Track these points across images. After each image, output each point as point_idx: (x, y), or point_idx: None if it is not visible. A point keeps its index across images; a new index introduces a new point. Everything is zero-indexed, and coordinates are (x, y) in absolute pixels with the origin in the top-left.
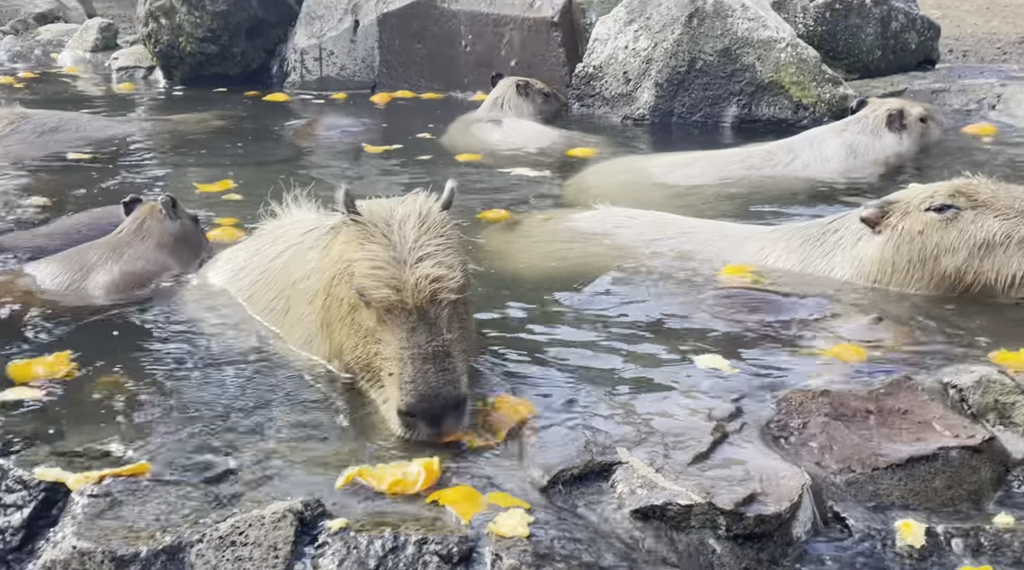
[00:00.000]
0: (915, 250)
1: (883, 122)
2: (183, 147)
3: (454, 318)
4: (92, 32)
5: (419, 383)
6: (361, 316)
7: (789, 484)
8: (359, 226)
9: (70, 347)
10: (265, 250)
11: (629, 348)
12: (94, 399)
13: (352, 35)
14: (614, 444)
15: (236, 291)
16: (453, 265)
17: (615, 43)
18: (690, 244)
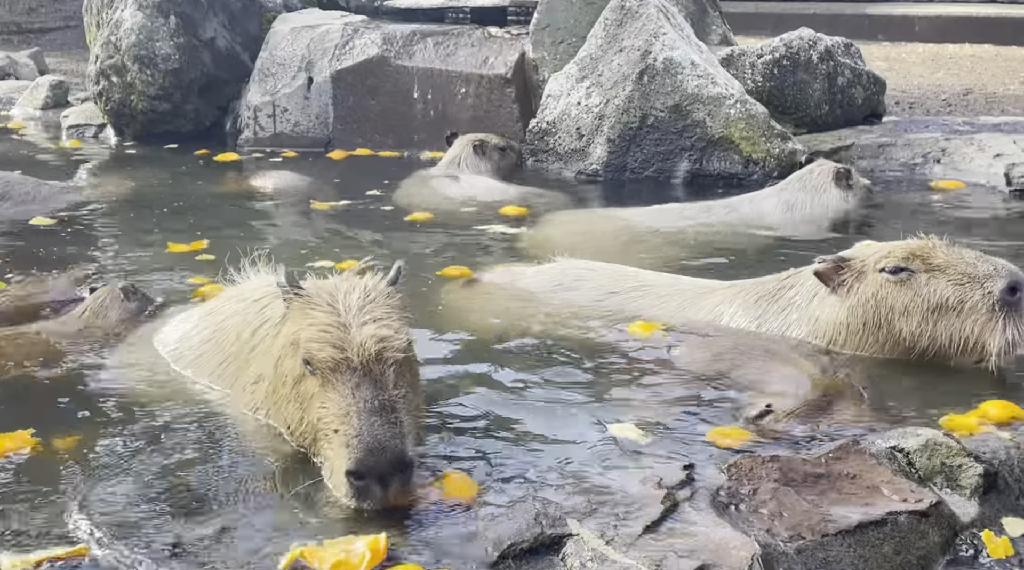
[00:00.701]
0: (869, 312)
1: (831, 179)
2: (140, 209)
3: (400, 379)
4: (43, 90)
5: (365, 436)
6: (306, 385)
7: (739, 554)
8: (303, 300)
9: (13, 419)
10: (218, 310)
11: (581, 415)
12: (35, 474)
13: (306, 92)
14: (564, 515)
15: (185, 351)
16: (399, 329)
17: (568, 99)
18: (646, 298)
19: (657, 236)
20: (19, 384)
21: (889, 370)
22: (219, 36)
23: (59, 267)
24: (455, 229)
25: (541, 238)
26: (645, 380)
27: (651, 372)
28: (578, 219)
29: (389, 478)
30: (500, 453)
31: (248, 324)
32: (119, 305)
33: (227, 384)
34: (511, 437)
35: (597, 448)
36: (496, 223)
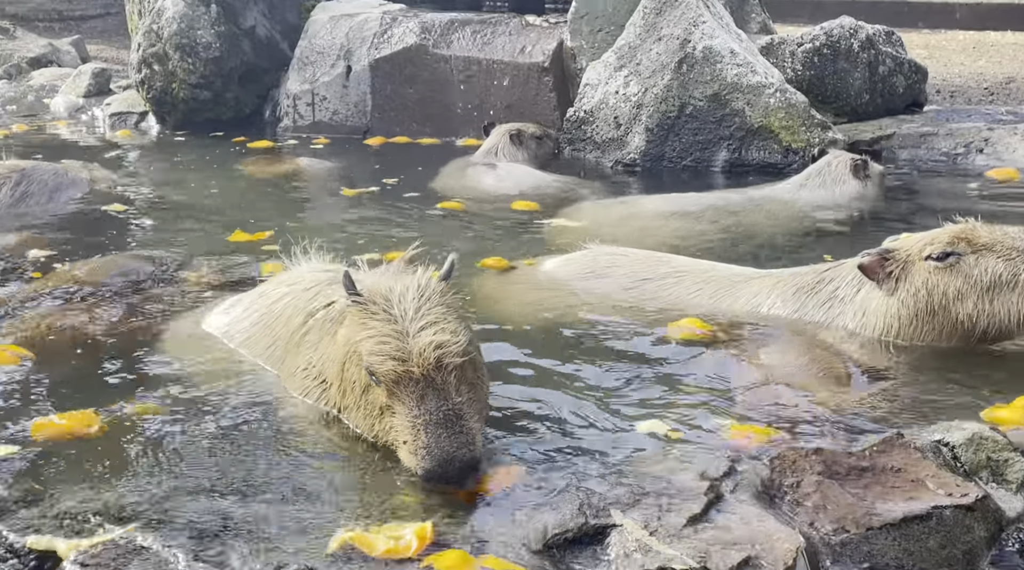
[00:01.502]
0: (922, 301)
1: (848, 170)
2: (181, 196)
3: (462, 381)
4: (85, 78)
5: (433, 449)
6: (373, 395)
7: (784, 546)
8: (360, 306)
9: (62, 399)
10: (269, 293)
11: (619, 406)
12: (84, 457)
13: (344, 80)
14: (608, 506)
15: (236, 332)
16: (455, 331)
17: (606, 88)
18: (681, 285)
19: (673, 223)
20: (72, 364)
21: (931, 361)
22: (259, 24)
23: (105, 252)
24: (491, 217)
25: (575, 226)
26: (680, 372)
27: (686, 364)
28: (600, 208)
29: (460, 481)
30: (541, 443)
31: (298, 311)
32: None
33: (274, 366)
34: (551, 427)
35: (638, 440)
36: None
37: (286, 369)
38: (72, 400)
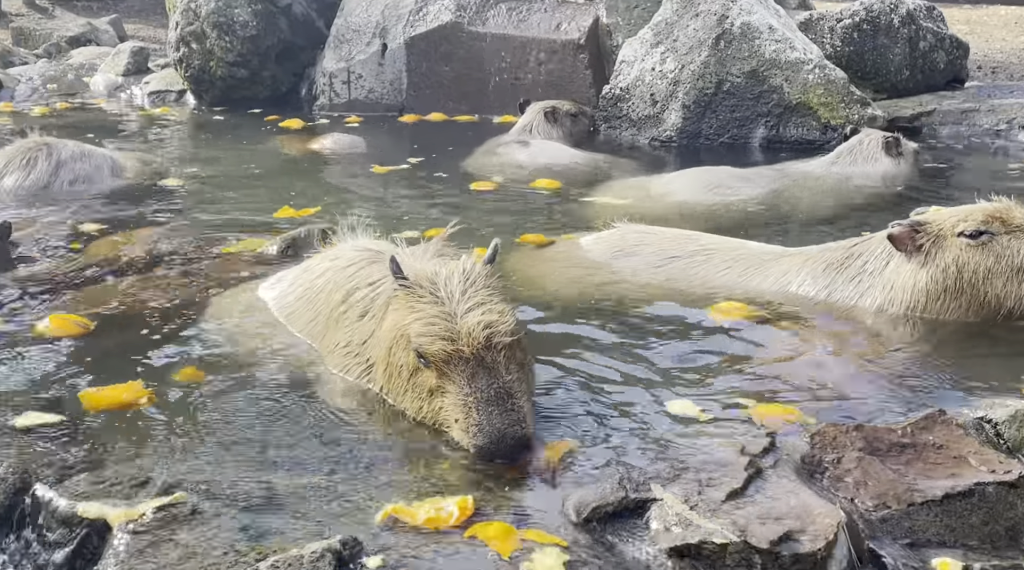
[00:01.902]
0: (951, 278)
1: (880, 147)
2: (219, 174)
3: (511, 360)
4: (124, 56)
5: (485, 426)
6: (422, 378)
7: (825, 521)
8: (407, 291)
9: (115, 368)
10: (312, 269)
11: (653, 384)
12: (133, 425)
13: (380, 58)
14: (648, 481)
15: (282, 306)
16: (503, 311)
17: (642, 65)
18: (710, 264)
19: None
20: (126, 334)
21: (969, 338)
22: (295, 2)
23: (149, 226)
24: (525, 195)
25: (606, 204)
26: (714, 351)
27: (719, 343)
28: (631, 186)
29: (512, 459)
30: (580, 419)
31: (338, 287)
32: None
33: (315, 340)
34: (588, 404)
35: (674, 417)
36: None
37: (325, 344)
38: (125, 370)
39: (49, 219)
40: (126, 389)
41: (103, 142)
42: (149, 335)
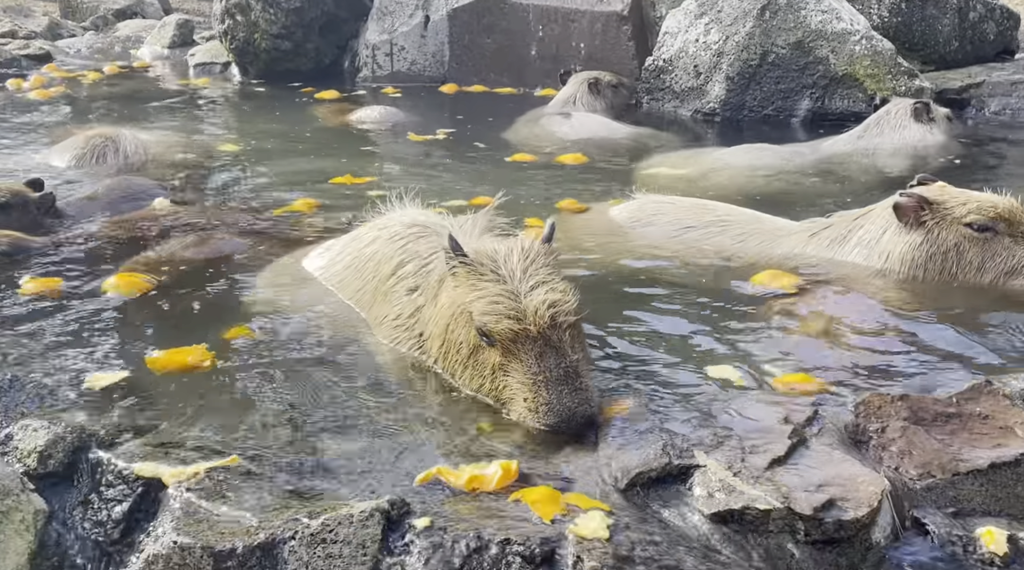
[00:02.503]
0: (949, 262)
1: (909, 115)
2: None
3: (576, 340)
4: (169, 29)
5: (555, 405)
6: (484, 356)
7: (868, 489)
8: (467, 268)
9: (175, 329)
10: (361, 237)
11: (688, 351)
12: (189, 388)
13: (423, 30)
14: (691, 447)
15: (331, 275)
16: (565, 289)
17: (685, 36)
18: (725, 235)
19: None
20: (186, 295)
21: (1015, 307)
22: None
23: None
24: (566, 167)
25: (677, 174)
26: (738, 321)
27: (742, 313)
28: (686, 157)
29: (580, 437)
30: (622, 384)
31: (387, 259)
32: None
33: (362, 309)
34: (628, 370)
35: (717, 382)
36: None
37: (374, 315)
38: (184, 331)
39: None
40: (191, 352)
41: (151, 116)
42: (207, 298)
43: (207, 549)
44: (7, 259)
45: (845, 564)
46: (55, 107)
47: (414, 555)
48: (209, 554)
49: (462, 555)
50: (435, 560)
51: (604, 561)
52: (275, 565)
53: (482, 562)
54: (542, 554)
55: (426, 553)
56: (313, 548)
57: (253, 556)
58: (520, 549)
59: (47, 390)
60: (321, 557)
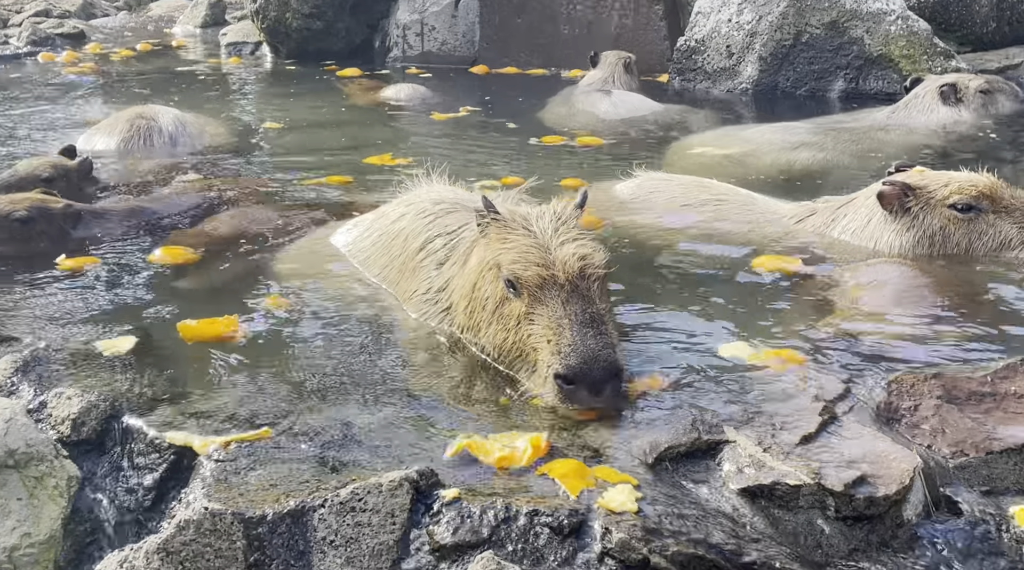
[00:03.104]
0: (936, 245)
1: (937, 97)
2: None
3: (603, 294)
4: (202, 8)
5: (579, 346)
6: (510, 307)
7: (900, 467)
8: (499, 225)
9: (208, 301)
10: (388, 214)
11: (713, 328)
12: (221, 359)
13: (454, 10)
14: (721, 423)
15: (357, 251)
16: (595, 247)
17: (718, 16)
18: (718, 213)
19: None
20: (217, 268)
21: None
22: None
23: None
24: (608, 144)
25: (684, 154)
26: (746, 299)
27: (749, 292)
28: (728, 136)
29: (602, 386)
30: (647, 357)
31: (415, 235)
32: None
33: (390, 285)
34: (657, 345)
35: (732, 362)
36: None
37: (402, 290)
38: (219, 302)
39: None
40: (223, 323)
41: (185, 95)
42: (242, 270)
43: (238, 515)
44: (28, 225)
45: (875, 541)
46: (89, 87)
47: (442, 525)
48: (240, 520)
49: (490, 525)
50: (463, 530)
51: (633, 533)
52: (305, 532)
53: (510, 533)
54: (570, 526)
55: (454, 523)
56: (343, 516)
57: (283, 523)
58: (548, 520)
59: (81, 358)
60: (350, 525)
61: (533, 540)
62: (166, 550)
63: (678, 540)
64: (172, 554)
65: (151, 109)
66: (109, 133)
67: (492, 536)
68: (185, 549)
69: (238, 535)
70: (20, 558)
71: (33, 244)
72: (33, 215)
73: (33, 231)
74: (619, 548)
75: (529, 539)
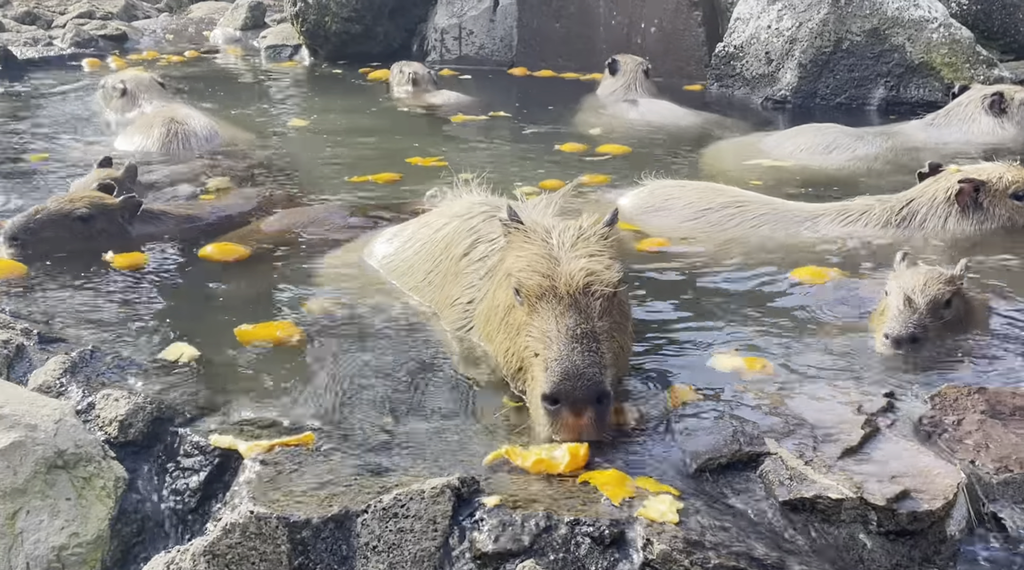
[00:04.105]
0: (1002, 229)
1: (981, 106)
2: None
3: (607, 314)
4: (242, 11)
5: (564, 361)
6: (515, 315)
7: (944, 482)
8: (520, 233)
9: (236, 303)
10: (432, 223)
11: (755, 340)
12: (264, 363)
13: (492, 14)
14: (762, 435)
15: (399, 261)
16: (609, 266)
17: (758, 22)
18: (741, 217)
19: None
20: (268, 268)
21: None
22: None
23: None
24: (640, 154)
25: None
26: (769, 306)
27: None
28: (740, 144)
29: (583, 406)
30: (684, 371)
31: (459, 242)
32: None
33: (433, 293)
34: (692, 355)
35: (782, 373)
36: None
37: (443, 298)
38: (263, 305)
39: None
40: (279, 327)
41: (223, 98)
42: (292, 272)
43: (283, 519)
44: (88, 223)
45: (918, 556)
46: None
47: (484, 532)
48: (284, 524)
49: (532, 534)
50: (504, 538)
51: (674, 545)
52: (348, 537)
53: (551, 541)
54: (611, 535)
55: (495, 531)
56: (385, 522)
57: (327, 528)
58: (589, 530)
59: (128, 360)
60: (393, 531)
61: (574, 549)
62: (212, 553)
63: (719, 552)
64: (218, 557)
65: (178, 110)
66: (144, 136)
67: (533, 545)
68: (231, 552)
69: (283, 539)
70: (68, 557)
71: (93, 242)
72: (93, 213)
73: (93, 229)
74: (660, 559)
75: (570, 548)
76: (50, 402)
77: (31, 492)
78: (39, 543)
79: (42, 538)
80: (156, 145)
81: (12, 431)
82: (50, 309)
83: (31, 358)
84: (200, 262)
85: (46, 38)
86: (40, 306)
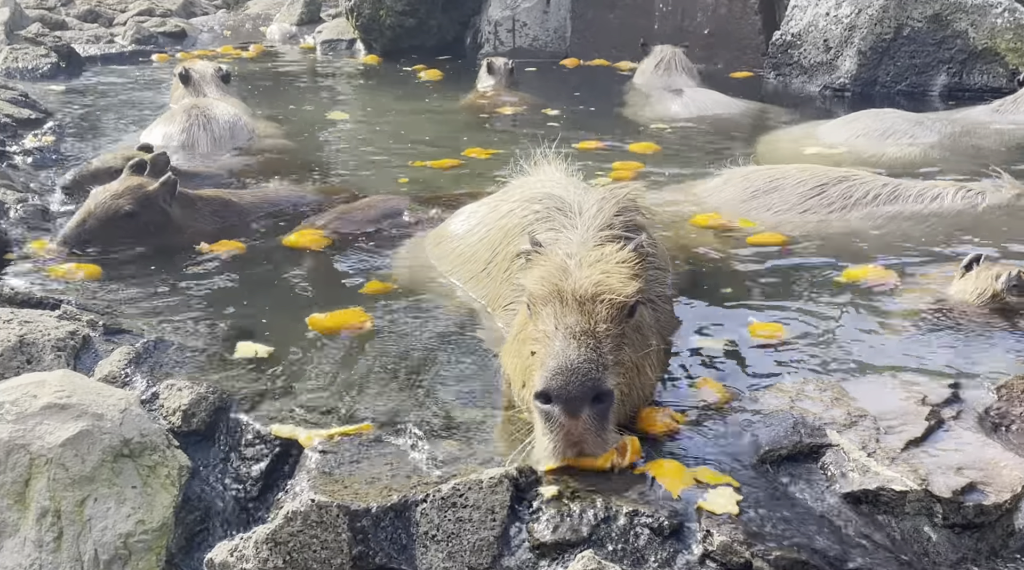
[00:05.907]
0: None
1: None
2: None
3: (613, 322)
4: (298, 6)
5: (559, 356)
6: (527, 330)
7: (1012, 474)
8: (541, 256)
9: (302, 293)
10: (499, 208)
11: (805, 327)
12: (324, 353)
13: (545, 6)
14: (824, 426)
15: (464, 248)
16: (623, 281)
17: (816, 10)
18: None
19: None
20: (324, 263)
21: None
22: None
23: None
24: (692, 143)
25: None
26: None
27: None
28: (795, 132)
29: (579, 405)
30: (746, 362)
31: (517, 233)
32: None
33: (490, 286)
34: (755, 347)
35: (847, 362)
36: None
37: (495, 297)
38: (333, 294)
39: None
40: (351, 315)
41: (280, 92)
42: (363, 262)
43: (343, 508)
44: (135, 219)
45: (985, 550)
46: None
47: (542, 522)
48: (345, 513)
49: (590, 524)
50: (563, 528)
51: (734, 536)
52: (407, 526)
53: (610, 532)
54: (671, 526)
55: (554, 521)
56: (444, 511)
57: (387, 517)
58: (648, 521)
59: (192, 350)
60: (452, 520)
61: (633, 540)
62: (274, 540)
63: (780, 544)
64: (280, 544)
65: (203, 100)
66: (168, 124)
67: (592, 535)
68: (293, 539)
69: (343, 527)
70: (135, 544)
71: (140, 236)
72: (137, 208)
73: (140, 222)
74: (721, 551)
75: (629, 539)
76: (116, 392)
77: (98, 480)
78: (106, 530)
79: (109, 525)
80: (177, 134)
81: (79, 420)
82: (115, 301)
83: (97, 349)
84: (261, 250)
85: (108, 35)
86: (104, 298)
